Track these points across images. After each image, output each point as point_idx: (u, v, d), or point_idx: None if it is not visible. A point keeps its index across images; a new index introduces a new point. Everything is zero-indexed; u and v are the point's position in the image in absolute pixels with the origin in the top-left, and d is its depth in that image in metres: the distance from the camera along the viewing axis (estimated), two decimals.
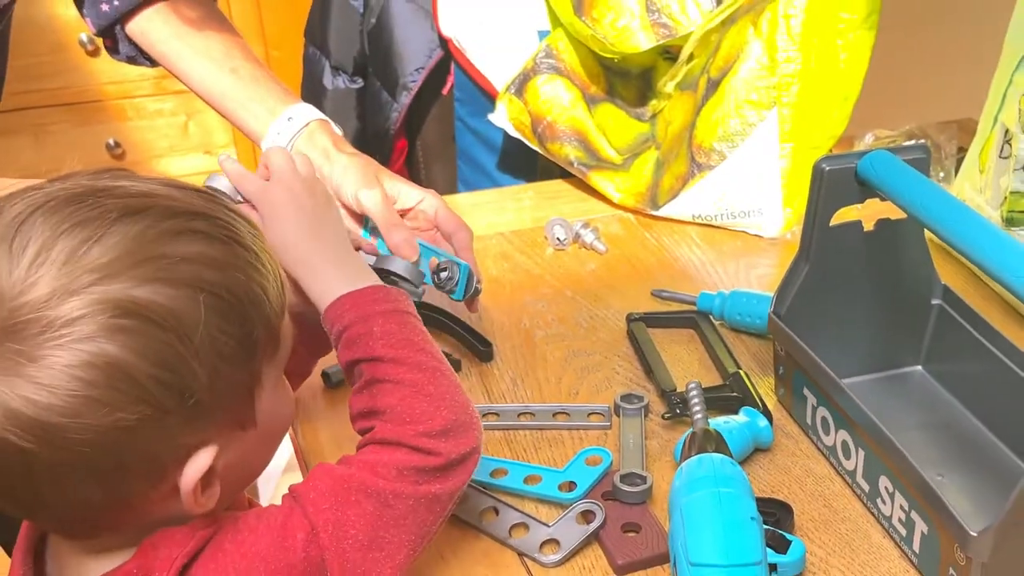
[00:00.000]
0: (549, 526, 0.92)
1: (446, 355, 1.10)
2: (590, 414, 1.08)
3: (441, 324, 1.20)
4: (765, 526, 0.86)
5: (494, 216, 1.47)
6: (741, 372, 1.10)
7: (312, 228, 0.87)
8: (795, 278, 1.06)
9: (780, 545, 0.88)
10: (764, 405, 1.05)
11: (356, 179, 1.12)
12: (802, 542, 0.89)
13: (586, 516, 0.93)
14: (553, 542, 0.91)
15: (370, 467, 0.77)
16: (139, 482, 0.68)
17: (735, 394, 1.07)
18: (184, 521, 0.74)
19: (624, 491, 0.94)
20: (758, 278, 1.32)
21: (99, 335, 0.63)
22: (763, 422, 1.02)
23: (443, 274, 1.08)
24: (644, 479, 0.95)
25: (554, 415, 1.07)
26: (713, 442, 0.80)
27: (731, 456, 0.80)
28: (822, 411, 1.01)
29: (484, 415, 1.07)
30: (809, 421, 1.03)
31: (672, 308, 1.25)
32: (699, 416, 0.84)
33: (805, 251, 1.06)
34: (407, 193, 1.15)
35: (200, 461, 0.69)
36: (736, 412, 1.04)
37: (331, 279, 0.84)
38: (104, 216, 0.65)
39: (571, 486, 0.96)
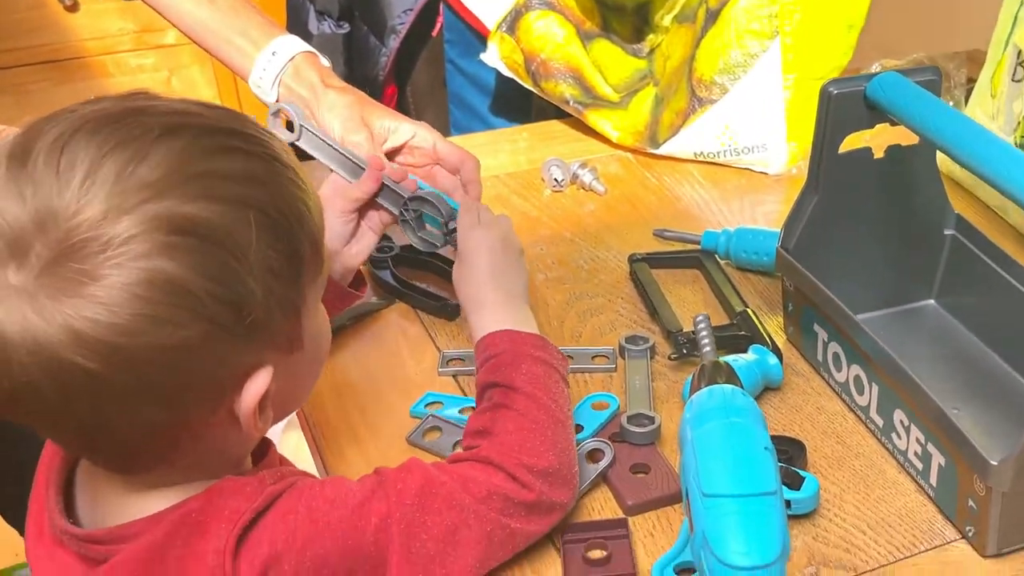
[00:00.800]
0: None
1: (443, 299, 1.10)
2: (594, 357, 1.06)
3: (437, 268, 1.19)
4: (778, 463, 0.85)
5: (489, 159, 1.45)
6: (748, 310, 1.09)
7: (496, 275, 0.94)
8: (803, 210, 1.04)
9: (793, 482, 0.87)
10: (773, 343, 1.04)
11: (341, 123, 1.10)
12: (816, 479, 0.88)
13: (594, 456, 0.92)
14: None
15: (462, 481, 0.79)
16: (201, 405, 0.68)
17: (743, 332, 1.06)
18: (238, 455, 0.75)
19: (632, 432, 0.93)
20: (764, 215, 1.30)
21: (155, 253, 0.63)
22: (773, 359, 1.00)
23: (437, 230, 1.06)
24: (652, 419, 0.94)
25: None
26: (723, 374, 0.79)
27: (742, 387, 0.79)
28: (833, 347, 1.00)
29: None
30: (820, 358, 1.02)
31: (675, 248, 1.23)
32: (708, 349, 0.83)
33: (813, 181, 1.04)
34: (399, 128, 1.13)
35: (259, 382, 0.69)
36: (744, 351, 1.03)
37: (497, 317, 0.91)
38: (146, 134, 0.66)
39: (577, 429, 0.95)
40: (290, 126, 1.07)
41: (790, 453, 0.91)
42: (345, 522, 0.73)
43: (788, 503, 0.84)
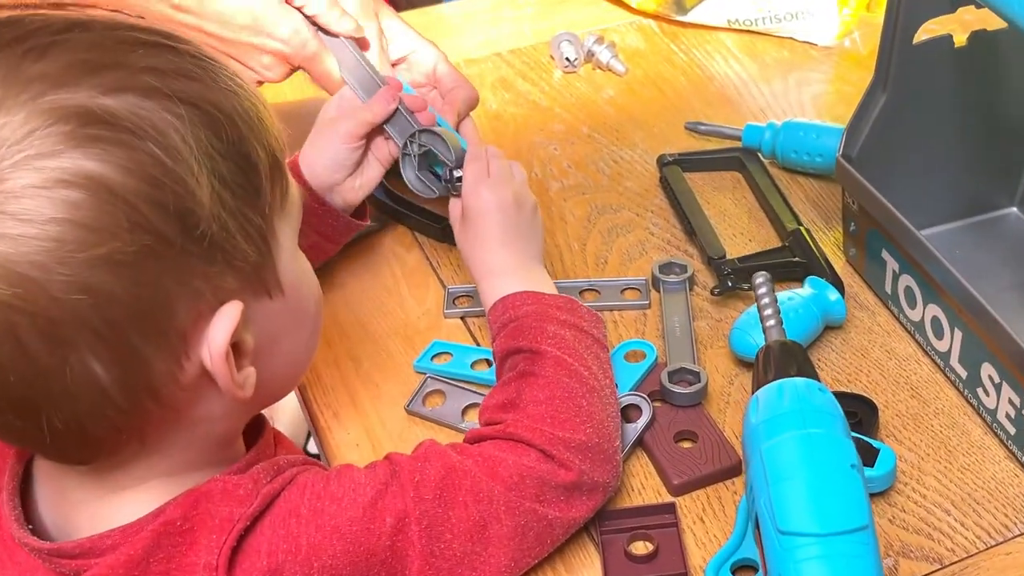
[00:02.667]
0: None
1: (446, 221, 0.98)
2: (624, 289, 0.96)
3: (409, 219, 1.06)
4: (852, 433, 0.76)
5: (488, 30, 1.31)
6: (802, 229, 0.98)
7: (508, 238, 0.85)
8: (869, 110, 0.93)
9: (867, 455, 0.78)
10: (833, 272, 0.94)
11: (357, 5, 0.97)
12: (892, 451, 0.79)
13: (629, 414, 0.83)
14: None
15: (489, 465, 0.70)
16: (157, 353, 0.58)
17: (796, 258, 0.95)
18: (224, 433, 0.66)
19: (675, 393, 0.84)
20: (812, 98, 1.18)
21: (66, 148, 0.54)
22: (834, 295, 0.90)
23: (439, 170, 0.93)
24: (697, 376, 0.85)
25: (581, 292, 0.96)
26: (794, 361, 0.68)
27: (816, 375, 0.69)
28: (906, 279, 0.89)
29: None
30: (888, 290, 0.92)
31: (712, 145, 1.11)
32: (772, 324, 0.72)
33: (882, 76, 0.92)
34: (402, 38, 1.00)
35: (226, 318, 0.60)
36: (799, 282, 0.93)
37: (514, 282, 0.82)
38: (46, 28, 0.57)
39: None
40: None
41: (860, 416, 0.82)
42: (356, 524, 0.65)
43: None
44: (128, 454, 0.62)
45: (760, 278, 0.74)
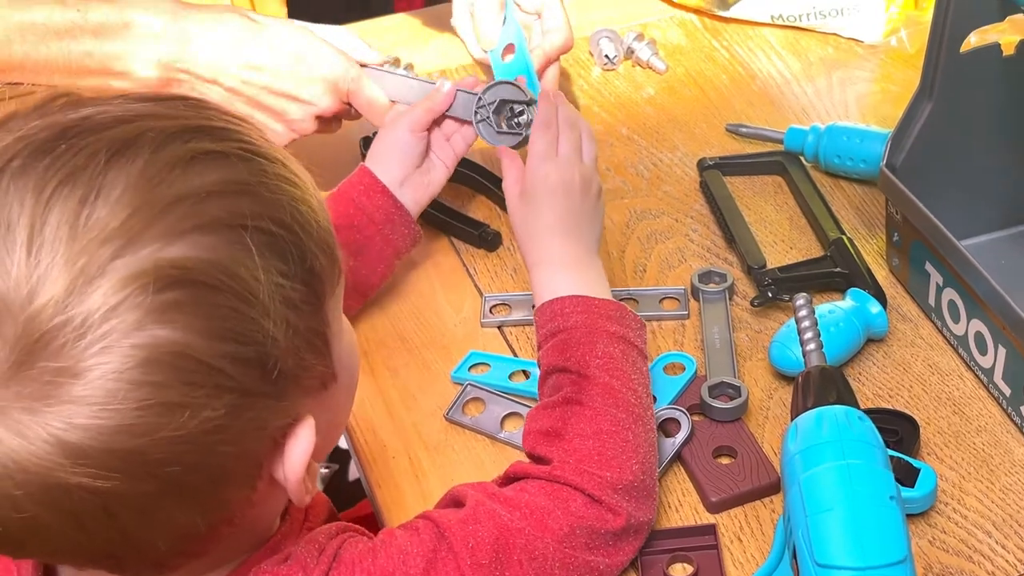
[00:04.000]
0: None
1: (482, 226, 1.00)
2: (663, 299, 0.98)
3: (474, 184, 1.09)
4: (888, 451, 0.77)
5: None
6: (844, 238, 0.99)
7: (568, 225, 0.85)
8: (915, 119, 0.94)
9: (907, 476, 0.79)
10: (876, 283, 0.95)
11: None
12: (932, 470, 0.80)
13: (667, 428, 0.85)
14: None
15: (538, 520, 0.71)
16: (238, 488, 0.60)
17: (838, 269, 0.96)
18: (273, 519, 0.67)
19: (715, 408, 0.85)
20: (857, 98, 1.18)
21: (148, 320, 0.53)
22: (876, 308, 0.91)
23: (520, 117, 0.99)
24: (738, 390, 0.86)
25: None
26: (834, 388, 0.70)
27: (855, 403, 0.70)
28: (950, 293, 0.90)
29: (533, 304, 0.97)
30: (932, 303, 0.93)
31: (753, 147, 1.12)
32: (812, 348, 0.73)
33: (928, 84, 0.93)
34: None
35: (303, 442, 0.61)
36: (841, 292, 0.94)
37: (567, 277, 0.83)
38: (92, 160, 0.55)
39: None
40: None
41: (900, 434, 0.84)
42: None
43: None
44: (189, 565, 0.63)
45: (800, 299, 0.75)
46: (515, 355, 0.94)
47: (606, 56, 1.23)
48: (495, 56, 1.07)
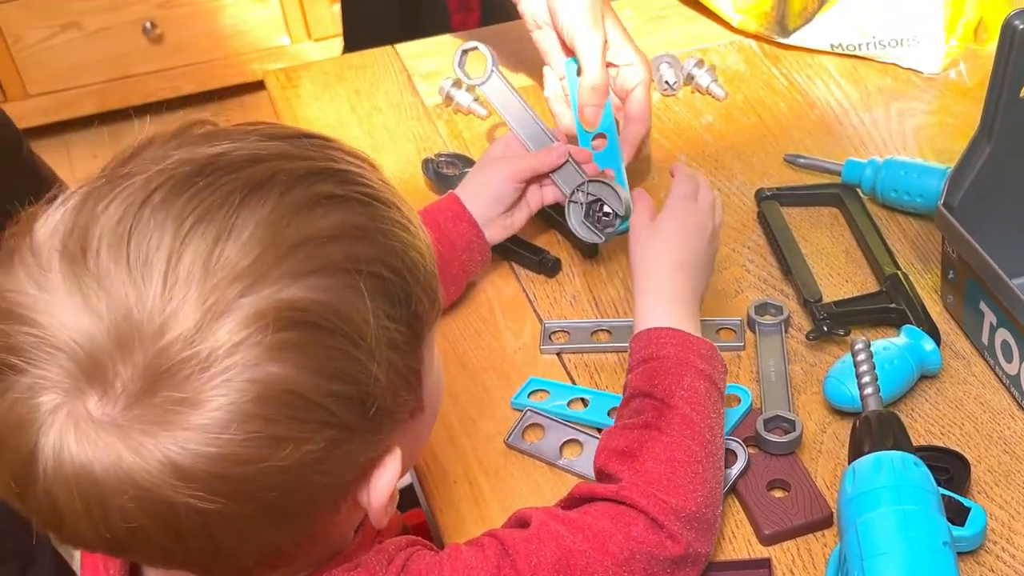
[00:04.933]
0: None
1: (543, 252, 1.07)
2: (719, 329, 1.01)
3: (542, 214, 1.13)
4: (939, 490, 0.81)
5: None
6: (899, 273, 1.02)
7: (687, 263, 0.90)
8: (973, 161, 0.97)
9: (958, 514, 0.83)
10: (930, 320, 0.98)
11: (581, 9, 1.06)
12: (983, 509, 0.83)
13: (725, 458, 0.88)
14: None
15: (599, 542, 0.75)
16: (324, 511, 0.65)
17: (893, 305, 1.00)
18: (348, 535, 0.72)
19: (770, 441, 0.89)
20: (914, 130, 1.21)
21: (264, 359, 0.57)
22: (929, 345, 0.95)
23: (605, 218, 1.04)
24: (793, 424, 0.90)
25: None
26: (891, 434, 0.74)
27: (911, 448, 0.74)
28: (1003, 333, 0.94)
29: (593, 332, 1.02)
30: (985, 341, 0.96)
31: (810, 178, 1.16)
32: (870, 392, 0.77)
33: (987, 128, 0.96)
34: (621, 48, 1.09)
35: (389, 472, 0.66)
36: (895, 327, 0.97)
37: (672, 311, 0.88)
38: (227, 200, 0.59)
39: None
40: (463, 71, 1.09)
41: (952, 472, 0.87)
42: None
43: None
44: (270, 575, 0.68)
45: (859, 343, 0.79)
46: (573, 382, 0.98)
47: (666, 82, 1.27)
48: (585, 139, 1.10)
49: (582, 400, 0.97)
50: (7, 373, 0.57)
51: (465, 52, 1.09)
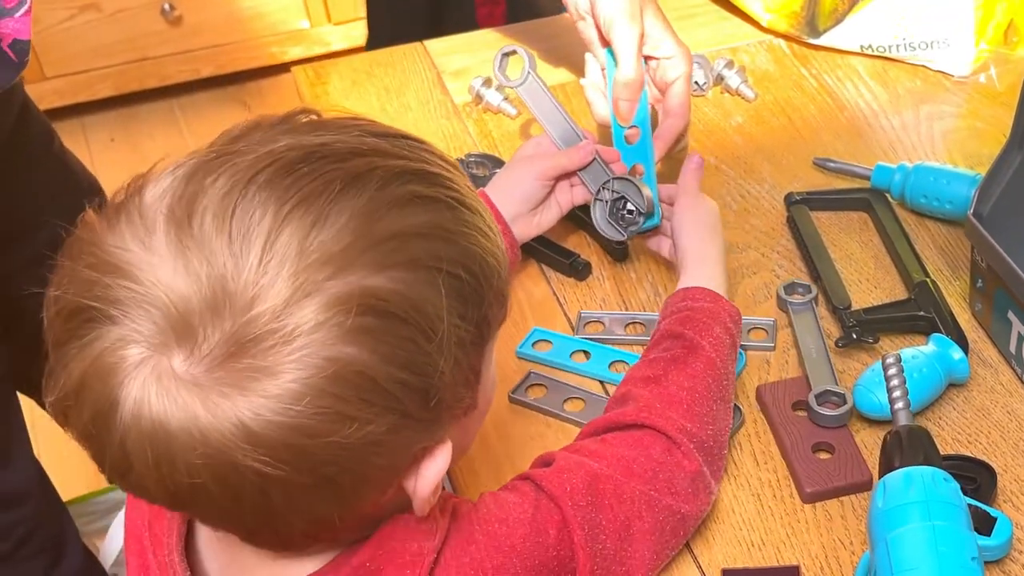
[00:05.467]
0: None
1: (574, 255, 1.11)
2: (751, 330, 1.04)
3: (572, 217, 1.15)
4: (965, 499, 0.83)
5: None
6: (928, 281, 1.05)
7: (718, 241, 1.01)
8: (1003, 170, 0.99)
9: (983, 524, 0.85)
10: (958, 328, 1.00)
11: (620, 1, 1.08)
12: (1009, 520, 0.86)
13: None
14: None
15: (624, 467, 0.81)
16: (373, 491, 0.68)
17: (922, 313, 1.02)
18: (391, 513, 0.75)
19: (822, 415, 0.94)
20: (943, 134, 1.23)
21: (342, 340, 0.61)
22: (957, 354, 0.97)
23: (628, 215, 1.06)
24: (842, 398, 0.94)
25: None
26: (922, 449, 0.76)
27: (941, 462, 0.76)
28: None
29: (627, 324, 1.06)
30: (1013, 350, 0.99)
31: (840, 182, 1.18)
32: (900, 407, 0.80)
33: (1018, 136, 0.98)
34: (661, 41, 1.11)
35: (439, 463, 0.69)
36: (923, 335, 1.00)
37: (717, 275, 0.98)
38: (327, 188, 0.63)
39: None
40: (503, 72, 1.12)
41: (978, 481, 0.89)
42: (528, 540, 0.75)
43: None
44: (313, 547, 0.72)
45: (890, 358, 0.81)
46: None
47: (696, 82, 1.29)
48: (619, 132, 1.11)
49: (584, 352, 1.02)
50: (103, 323, 0.61)
51: (506, 55, 1.11)
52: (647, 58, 1.11)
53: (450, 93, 1.34)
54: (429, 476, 0.69)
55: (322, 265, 0.61)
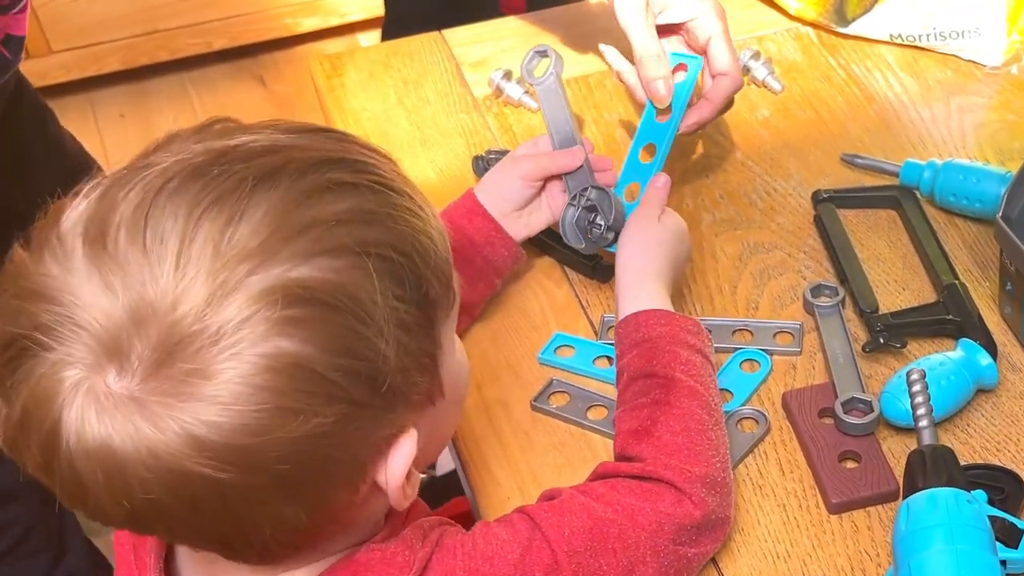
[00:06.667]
0: None
1: (597, 258, 1.12)
2: (776, 333, 1.07)
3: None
4: (991, 509, 0.86)
5: None
6: (957, 283, 1.07)
7: (661, 260, 1.00)
8: None
9: (1009, 536, 0.88)
10: (987, 332, 1.03)
11: None
12: None
13: (745, 424, 0.98)
14: None
15: (629, 514, 0.82)
16: (342, 490, 0.71)
17: (950, 317, 1.04)
18: (378, 518, 0.79)
19: (849, 423, 0.96)
20: (974, 127, 1.25)
21: (273, 333, 0.63)
22: (986, 359, 0.99)
23: (595, 228, 1.07)
24: (869, 405, 0.97)
25: (734, 332, 1.07)
26: (945, 469, 0.79)
27: (964, 483, 0.79)
28: None
29: None
30: None
31: (868, 178, 1.20)
32: (925, 425, 0.82)
33: None
34: (681, 4, 1.11)
35: (404, 451, 0.72)
36: (952, 338, 1.02)
37: (658, 290, 0.97)
38: (240, 186, 0.66)
39: (725, 396, 1.00)
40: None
41: (1006, 491, 0.92)
42: None
43: (1003, 563, 0.86)
44: (295, 557, 0.75)
45: (915, 375, 0.84)
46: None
47: None
48: (650, 109, 1.12)
49: (607, 358, 1.04)
50: (35, 350, 0.64)
51: (538, 54, 1.12)
52: (671, 29, 1.11)
53: (469, 86, 1.36)
54: (396, 465, 0.71)
55: (241, 261, 0.64)
